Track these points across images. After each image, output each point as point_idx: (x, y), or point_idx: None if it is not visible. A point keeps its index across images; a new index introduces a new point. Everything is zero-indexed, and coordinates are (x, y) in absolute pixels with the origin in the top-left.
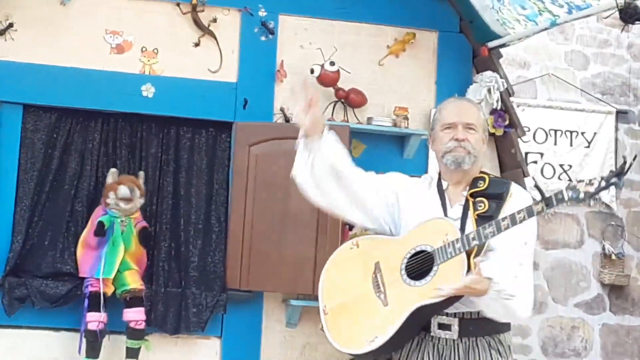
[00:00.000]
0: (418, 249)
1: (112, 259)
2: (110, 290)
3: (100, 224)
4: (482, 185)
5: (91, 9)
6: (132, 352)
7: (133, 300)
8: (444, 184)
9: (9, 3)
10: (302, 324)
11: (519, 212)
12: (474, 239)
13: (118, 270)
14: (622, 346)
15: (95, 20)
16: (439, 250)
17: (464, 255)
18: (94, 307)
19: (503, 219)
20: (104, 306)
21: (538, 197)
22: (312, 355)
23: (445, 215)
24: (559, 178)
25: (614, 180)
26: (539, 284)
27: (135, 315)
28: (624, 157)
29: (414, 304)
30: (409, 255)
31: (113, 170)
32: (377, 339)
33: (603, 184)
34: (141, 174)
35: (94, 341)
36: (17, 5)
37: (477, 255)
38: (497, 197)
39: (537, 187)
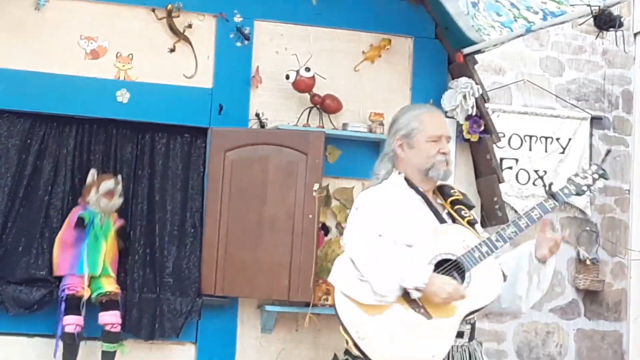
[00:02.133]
0: (439, 258)
1: (95, 255)
2: (86, 293)
3: (80, 219)
4: (457, 194)
5: (66, 14)
6: (108, 356)
7: (109, 303)
8: (420, 188)
9: None
10: (277, 330)
11: (532, 210)
12: (497, 240)
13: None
14: (597, 351)
15: (70, 25)
16: (465, 257)
17: (493, 257)
18: (72, 309)
19: (520, 218)
20: (80, 309)
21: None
22: None
23: (440, 219)
24: (533, 184)
25: (601, 171)
26: None
27: (110, 319)
28: (608, 151)
29: (462, 312)
30: (432, 266)
31: (93, 171)
32: (437, 354)
33: (595, 175)
34: (119, 177)
35: (71, 344)
36: None
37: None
38: (471, 206)
39: (544, 185)
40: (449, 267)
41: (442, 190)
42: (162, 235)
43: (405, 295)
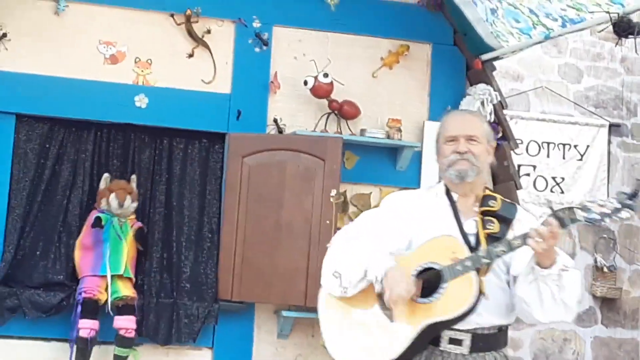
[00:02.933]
0: (425, 266)
1: (117, 255)
2: (103, 297)
3: (98, 218)
4: (494, 206)
5: (85, 19)
6: None
7: (124, 307)
8: (454, 196)
9: (3, 13)
10: (293, 335)
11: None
12: (484, 257)
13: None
14: (614, 359)
15: (89, 30)
16: (448, 268)
17: (474, 273)
18: (87, 314)
19: (515, 239)
20: (97, 313)
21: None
22: None
23: (461, 229)
24: (551, 190)
25: (628, 202)
26: None
27: (125, 323)
28: (637, 187)
29: (423, 321)
30: (416, 273)
31: (106, 175)
32: (386, 358)
33: (618, 205)
34: (133, 177)
35: (84, 348)
36: (11, 15)
37: (484, 273)
38: (506, 220)
39: (551, 208)
40: (429, 276)
41: (484, 199)
42: (179, 240)
43: (379, 295)
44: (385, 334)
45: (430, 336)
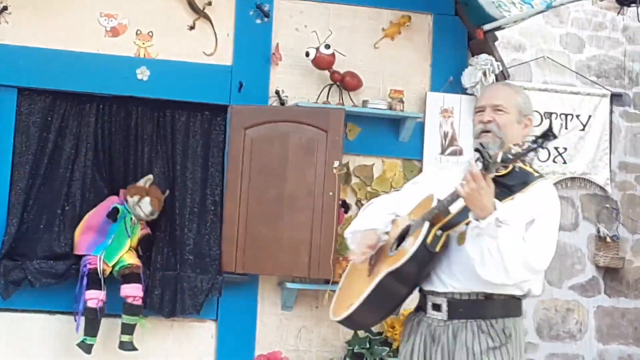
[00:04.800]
0: (407, 224)
1: (117, 247)
2: (108, 268)
3: (115, 209)
4: (502, 172)
5: None
6: (128, 328)
7: (130, 276)
8: (478, 165)
9: None
10: (297, 307)
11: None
12: (435, 208)
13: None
14: (617, 328)
15: (90, 3)
16: (415, 223)
17: (426, 223)
18: (93, 284)
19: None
20: (102, 284)
21: None
22: (307, 338)
23: (454, 199)
24: (553, 161)
25: (540, 141)
26: None
27: (132, 291)
28: (550, 120)
29: (383, 271)
30: (400, 230)
31: (150, 176)
32: (352, 306)
33: (534, 145)
34: (150, 177)
35: (93, 319)
36: None
37: (445, 227)
38: (508, 187)
39: (478, 150)
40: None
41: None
42: (182, 213)
43: (375, 255)
44: (361, 286)
45: (397, 290)
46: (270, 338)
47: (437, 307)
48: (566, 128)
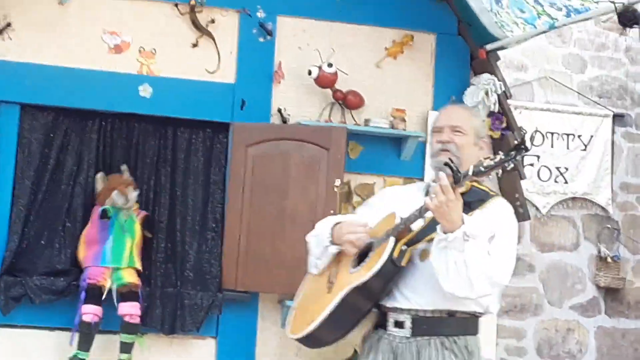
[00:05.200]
0: (368, 242)
1: (119, 247)
2: (107, 284)
3: (104, 210)
4: (461, 189)
5: (89, 9)
6: (126, 347)
7: (128, 294)
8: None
9: (7, 2)
10: None
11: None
12: (400, 223)
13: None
14: (618, 349)
15: (94, 20)
16: (378, 240)
17: (391, 239)
18: (92, 299)
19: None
20: (100, 300)
21: None
22: (307, 357)
23: (422, 215)
24: (555, 181)
25: (513, 153)
26: (534, 286)
27: (130, 309)
28: (523, 133)
29: (345, 287)
30: (359, 249)
31: (100, 174)
32: (313, 322)
33: (504, 157)
34: (124, 167)
35: (87, 333)
36: (15, 5)
37: (410, 243)
38: (466, 204)
39: (448, 165)
40: (368, 251)
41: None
42: (183, 230)
43: (332, 272)
44: (321, 303)
45: (360, 306)
46: (270, 356)
47: (399, 325)
48: (568, 148)
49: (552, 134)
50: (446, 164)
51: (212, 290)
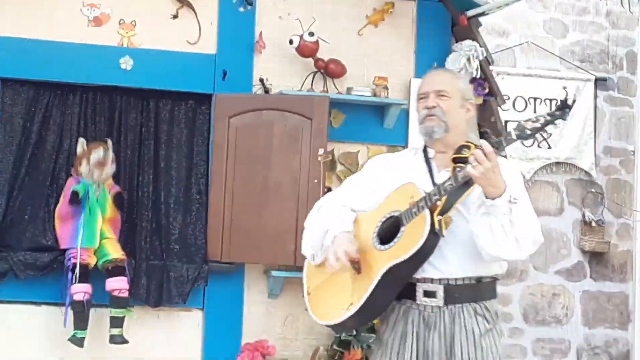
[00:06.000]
0: (388, 216)
1: (91, 227)
2: (92, 261)
3: (75, 193)
4: (466, 153)
5: None
6: (117, 321)
7: (115, 269)
8: (430, 152)
9: None
10: (284, 295)
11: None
12: (434, 194)
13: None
14: (603, 312)
15: None
16: (405, 213)
17: (426, 211)
18: (79, 278)
19: (459, 171)
20: (87, 277)
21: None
22: (294, 326)
23: (433, 181)
24: (538, 146)
25: (557, 113)
26: None
27: (118, 284)
28: (566, 93)
29: (383, 266)
30: (379, 224)
31: (82, 140)
32: (352, 306)
33: (548, 118)
34: (109, 141)
35: (81, 312)
36: None
37: (442, 212)
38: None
39: (485, 131)
40: (391, 225)
41: (458, 149)
42: (167, 202)
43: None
44: (353, 286)
45: (396, 284)
46: (257, 326)
47: (430, 294)
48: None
49: (535, 99)
50: (483, 130)
51: (198, 262)
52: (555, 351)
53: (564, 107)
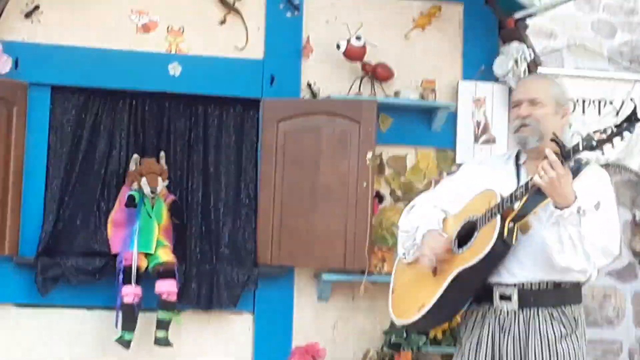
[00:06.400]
0: (467, 220)
1: (148, 233)
2: (143, 264)
3: (131, 197)
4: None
5: None
6: (163, 324)
7: (165, 272)
8: (522, 157)
9: None
10: (333, 299)
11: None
12: (506, 201)
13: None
14: None
15: (121, 0)
16: (481, 218)
17: (498, 217)
18: (129, 280)
19: (530, 179)
20: (138, 280)
21: None
22: (344, 329)
23: (528, 192)
24: None
25: (625, 125)
26: None
27: (166, 287)
28: (635, 105)
29: (454, 270)
30: (459, 227)
31: (135, 156)
32: (423, 308)
33: (615, 130)
34: (162, 155)
35: (130, 314)
36: None
37: (515, 219)
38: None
39: (554, 140)
40: (469, 228)
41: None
42: (217, 207)
43: None
44: (428, 287)
45: (468, 286)
46: (307, 329)
47: (506, 298)
48: (599, 114)
49: (584, 100)
50: (552, 140)
51: (248, 266)
52: (607, 352)
53: (632, 119)
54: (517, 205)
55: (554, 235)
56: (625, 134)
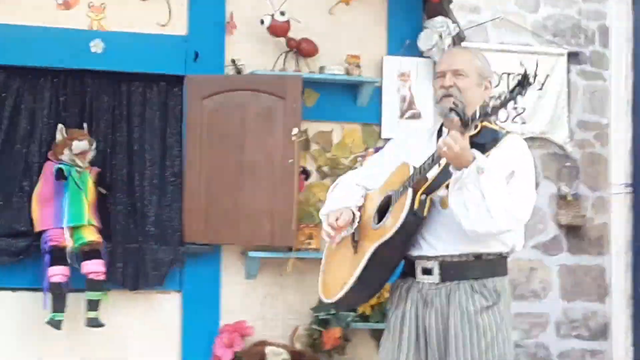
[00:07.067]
0: (385, 195)
1: (78, 206)
2: (69, 244)
3: (60, 170)
4: (472, 132)
5: None
6: (93, 304)
7: (91, 252)
8: (445, 131)
9: None
10: (261, 276)
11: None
12: (416, 174)
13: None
14: (581, 286)
15: None
16: (395, 193)
17: (409, 190)
18: (57, 261)
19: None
20: (65, 260)
21: None
22: (272, 306)
23: (436, 162)
24: (512, 121)
25: (517, 90)
26: None
27: (94, 267)
28: (525, 70)
29: (371, 245)
30: (379, 203)
31: (60, 126)
32: (346, 285)
33: (508, 95)
34: (85, 125)
35: (59, 294)
36: None
37: (428, 192)
38: (480, 145)
39: (453, 110)
40: (387, 204)
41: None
42: (142, 185)
43: (355, 231)
44: (350, 264)
45: (389, 261)
46: (236, 307)
47: (428, 271)
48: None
49: (508, 74)
50: (451, 109)
51: (174, 244)
52: (535, 325)
53: (523, 84)
54: (431, 178)
55: (459, 200)
56: (518, 98)
